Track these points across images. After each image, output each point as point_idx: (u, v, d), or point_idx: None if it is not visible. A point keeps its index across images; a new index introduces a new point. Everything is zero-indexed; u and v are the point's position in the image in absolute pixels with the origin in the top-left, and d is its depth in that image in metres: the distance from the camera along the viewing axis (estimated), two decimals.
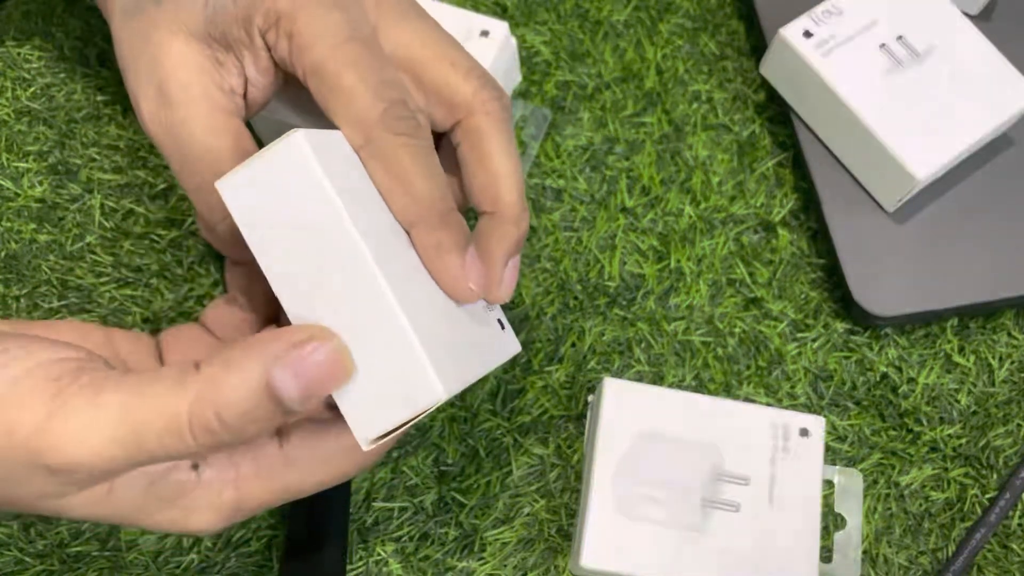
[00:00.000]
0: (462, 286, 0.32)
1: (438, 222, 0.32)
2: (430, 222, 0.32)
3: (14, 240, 0.44)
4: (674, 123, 0.49)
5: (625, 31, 0.51)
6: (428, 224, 0.32)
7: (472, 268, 0.33)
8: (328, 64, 0.32)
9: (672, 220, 0.47)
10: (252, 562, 0.40)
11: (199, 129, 0.34)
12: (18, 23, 0.48)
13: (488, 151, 0.35)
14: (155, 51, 0.34)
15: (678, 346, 0.45)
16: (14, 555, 0.39)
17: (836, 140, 0.47)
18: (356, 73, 0.32)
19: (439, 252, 0.32)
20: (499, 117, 0.35)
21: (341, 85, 0.32)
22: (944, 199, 0.47)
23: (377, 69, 0.32)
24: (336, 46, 0.32)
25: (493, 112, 0.35)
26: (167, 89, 0.34)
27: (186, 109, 0.34)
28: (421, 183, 0.32)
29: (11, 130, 0.45)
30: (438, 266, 0.32)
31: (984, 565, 0.42)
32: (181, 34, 0.34)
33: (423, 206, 0.32)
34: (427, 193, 0.32)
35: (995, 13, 0.51)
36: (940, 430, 0.44)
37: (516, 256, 0.35)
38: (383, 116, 0.32)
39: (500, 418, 0.43)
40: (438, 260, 0.32)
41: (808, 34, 0.46)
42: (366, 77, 0.32)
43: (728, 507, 0.39)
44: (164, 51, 0.34)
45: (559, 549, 0.41)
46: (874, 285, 0.45)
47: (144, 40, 0.35)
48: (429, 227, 0.32)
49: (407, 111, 0.32)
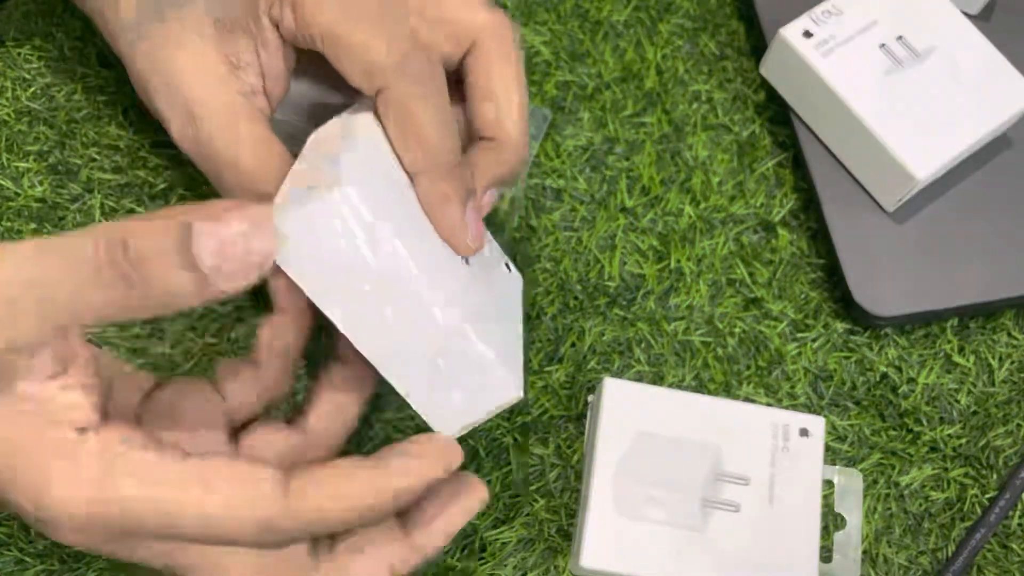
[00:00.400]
0: (461, 239, 0.33)
1: (444, 173, 0.32)
2: (437, 172, 0.32)
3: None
4: (674, 123, 0.49)
5: (625, 31, 0.51)
6: (434, 174, 0.32)
7: (472, 221, 0.33)
8: (339, 25, 0.33)
9: (672, 220, 0.47)
10: None
11: (223, 143, 0.34)
12: (18, 23, 0.48)
13: (496, 79, 0.35)
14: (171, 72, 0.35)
15: (678, 346, 0.45)
16: (14, 555, 0.39)
17: (836, 140, 0.47)
18: (368, 29, 0.32)
19: (443, 202, 0.32)
20: (509, 46, 0.35)
21: (354, 42, 0.32)
22: (944, 199, 0.47)
23: (390, 23, 0.33)
24: (346, 5, 0.33)
25: (504, 40, 0.35)
26: (190, 107, 0.34)
27: (210, 126, 0.34)
28: (432, 133, 0.32)
29: (11, 130, 0.46)
30: (440, 216, 0.32)
31: (984, 565, 0.42)
32: (193, 44, 0.34)
33: (431, 156, 0.32)
34: (437, 143, 0.32)
35: (995, 13, 0.51)
36: (940, 430, 0.44)
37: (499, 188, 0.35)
38: (399, 65, 0.32)
39: (500, 418, 0.43)
40: (441, 210, 0.32)
41: (808, 34, 0.46)
42: (379, 32, 0.32)
43: (728, 507, 0.39)
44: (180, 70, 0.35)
45: (559, 549, 0.41)
46: (874, 285, 0.45)
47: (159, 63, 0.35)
48: (435, 177, 0.32)
49: (422, 61, 0.33)
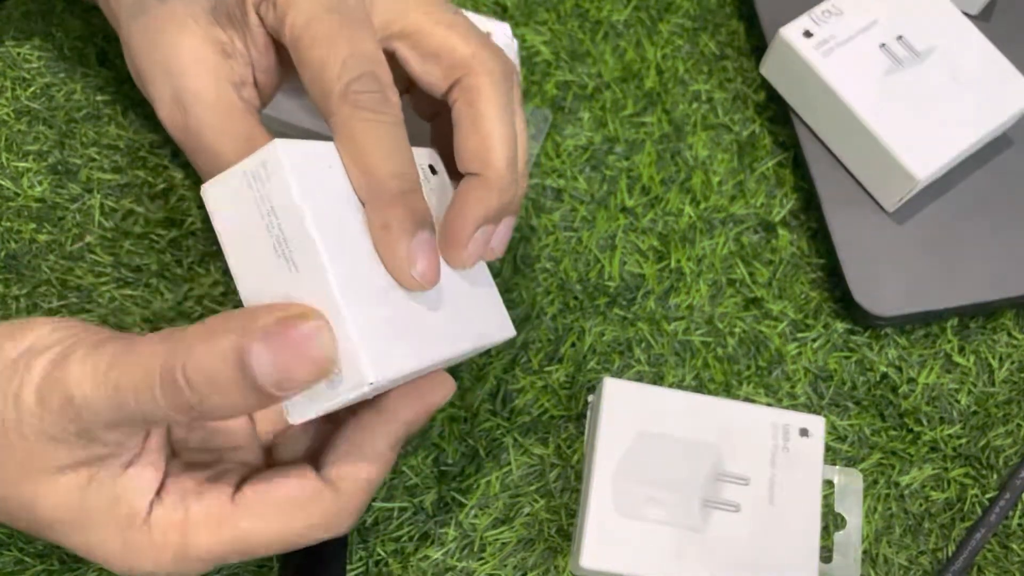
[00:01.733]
0: (404, 272, 0.31)
1: (389, 201, 0.31)
2: (381, 200, 0.31)
3: (14, 240, 0.44)
4: (674, 123, 0.49)
5: (625, 31, 0.51)
6: (378, 202, 0.31)
7: (419, 254, 0.31)
8: (303, 36, 0.32)
9: (672, 220, 0.47)
10: (252, 562, 0.40)
11: (212, 134, 0.34)
12: (18, 23, 0.48)
13: (482, 111, 0.33)
14: (166, 53, 0.34)
15: (678, 346, 0.45)
16: (14, 555, 0.39)
17: (836, 140, 0.47)
18: (327, 46, 0.31)
19: (385, 233, 0.31)
20: (498, 78, 0.34)
21: (312, 57, 0.31)
22: (944, 199, 0.47)
23: (350, 42, 0.31)
24: (314, 17, 0.32)
25: (492, 72, 0.33)
26: (181, 94, 0.34)
27: (199, 114, 0.34)
28: (377, 159, 0.30)
29: (11, 130, 0.45)
30: (382, 248, 0.31)
31: (984, 565, 0.42)
32: (189, 27, 0.34)
33: (376, 183, 0.31)
34: (382, 170, 0.30)
35: (995, 13, 0.51)
36: (940, 430, 0.44)
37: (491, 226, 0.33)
38: (345, 89, 0.31)
39: (500, 418, 0.43)
40: (382, 241, 0.31)
41: (808, 34, 0.46)
42: (337, 50, 0.31)
43: (728, 507, 0.39)
44: (174, 52, 0.34)
45: (559, 549, 0.41)
46: (874, 285, 0.45)
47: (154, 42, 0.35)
48: (379, 205, 0.31)
49: (373, 84, 0.31)
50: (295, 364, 0.27)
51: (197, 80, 0.34)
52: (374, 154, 0.31)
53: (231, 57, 0.35)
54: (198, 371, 0.27)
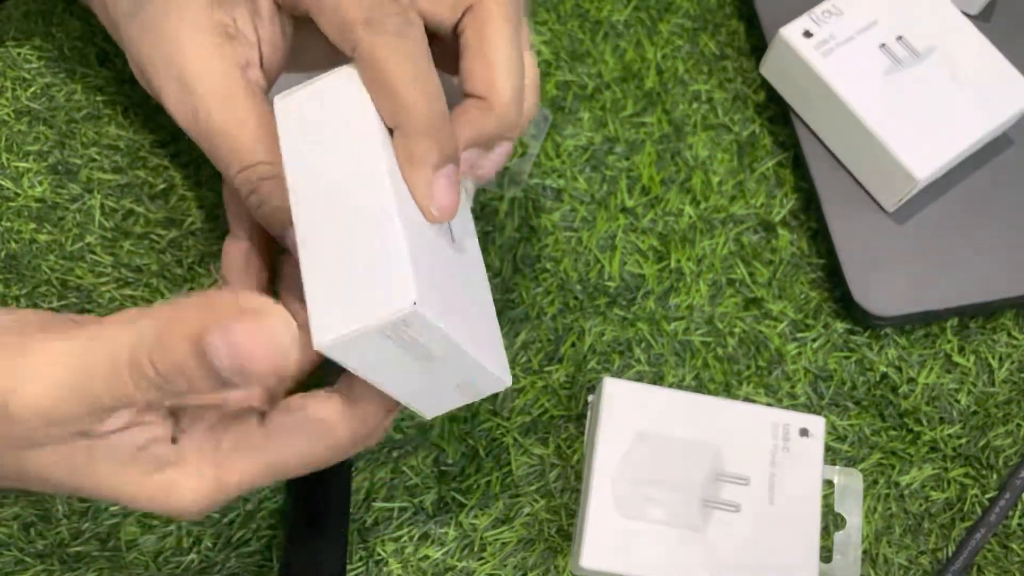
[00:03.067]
0: (423, 201, 0.30)
1: (417, 129, 0.30)
2: (409, 128, 0.30)
3: (14, 240, 0.44)
4: (674, 123, 0.49)
5: (625, 31, 0.51)
6: (406, 130, 0.30)
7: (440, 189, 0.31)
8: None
9: (672, 220, 0.47)
10: (252, 562, 0.40)
11: (221, 117, 0.34)
12: (18, 23, 0.48)
13: (490, 38, 0.33)
14: (168, 43, 0.34)
15: (678, 346, 0.45)
16: (14, 555, 0.39)
17: (836, 140, 0.47)
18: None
19: (410, 162, 0.30)
20: (509, 11, 0.33)
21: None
22: (944, 199, 0.47)
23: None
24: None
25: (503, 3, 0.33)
26: (187, 82, 0.34)
27: (207, 100, 0.34)
28: (404, 88, 0.30)
29: (11, 130, 0.45)
30: (406, 175, 0.30)
31: (984, 565, 0.42)
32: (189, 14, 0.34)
33: (403, 111, 0.30)
34: (409, 99, 0.30)
35: (995, 13, 0.51)
36: (940, 430, 0.44)
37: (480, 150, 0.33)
38: (368, 16, 0.30)
39: (500, 418, 0.43)
40: (407, 169, 0.30)
41: (808, 34, 0.46)
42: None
43: (728, 507, 0.39)
44: (176, 41, 0.34)
45: (559, 549, 0.41)
46: (874, 285, 0.45)
47: (155, 35, 0.35)
48: (406, 134, 0.30)
49: (394, 7, 0.31)
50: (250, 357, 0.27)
51: (202, 65, 0.34)
52: (401, 83, 0.30)
53: (234, 39, 0.34)
54: (164, 359, 0.27)
